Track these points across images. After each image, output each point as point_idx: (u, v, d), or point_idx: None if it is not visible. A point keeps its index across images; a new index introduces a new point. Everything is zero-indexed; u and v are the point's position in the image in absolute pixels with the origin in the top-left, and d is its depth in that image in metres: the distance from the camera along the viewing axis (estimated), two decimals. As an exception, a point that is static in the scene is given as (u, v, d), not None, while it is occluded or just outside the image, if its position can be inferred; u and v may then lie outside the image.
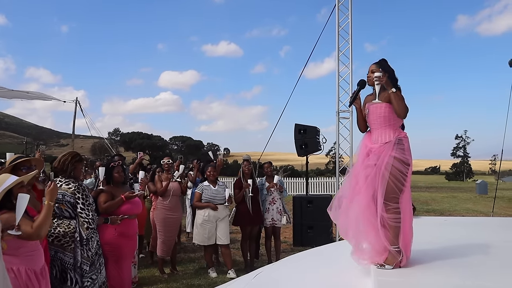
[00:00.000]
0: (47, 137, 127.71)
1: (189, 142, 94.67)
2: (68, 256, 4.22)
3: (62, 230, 4.21)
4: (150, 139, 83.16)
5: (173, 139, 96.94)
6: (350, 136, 9.54)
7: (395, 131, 3.55)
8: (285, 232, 9.76)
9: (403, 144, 3.51)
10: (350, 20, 9.73)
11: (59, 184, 4.28)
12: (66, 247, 4.22)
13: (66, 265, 4.20)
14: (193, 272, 7.19)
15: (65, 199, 4.27)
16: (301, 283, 3.75)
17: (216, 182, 7.03)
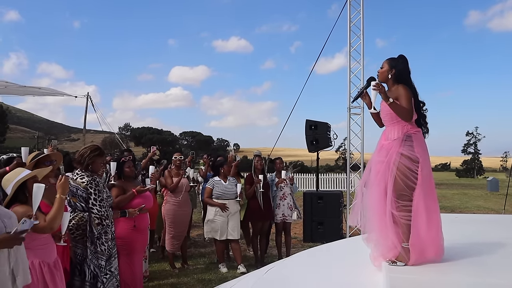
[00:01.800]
0: (58, 132, 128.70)
1: (199, 138, 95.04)
2: (80, 248, 4.25)
3: (75, 223, 4.23)
4: (160, 134, 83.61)
5: (183, 134, 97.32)
6: (361, 132, 9.49)
7: (403, 128, 3.51)
8: (295, 228, 9.76)
9: (412, 141, 3.47)
10: (362, 16, 9.66)
11: (75, 177, 4.31)
12: (79, 239, 4.24)
13: (79, 258, 4.24)
14: (204, 267, 7.23)
15: (78, 193, 4.28)
16: (312, 279, 3.76)
17: (227, 177, 7.05)
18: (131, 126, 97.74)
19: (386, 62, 3.66)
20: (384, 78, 3.65)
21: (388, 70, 3.62)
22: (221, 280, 6.20)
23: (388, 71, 3.62)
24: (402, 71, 3.60)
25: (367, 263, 3.66)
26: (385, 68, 3.64)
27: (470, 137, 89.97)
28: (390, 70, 3.61)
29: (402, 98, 3.49)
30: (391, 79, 3.61)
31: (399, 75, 3.59)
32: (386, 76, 3.62)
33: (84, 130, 19.48)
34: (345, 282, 3.60)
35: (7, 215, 2.73)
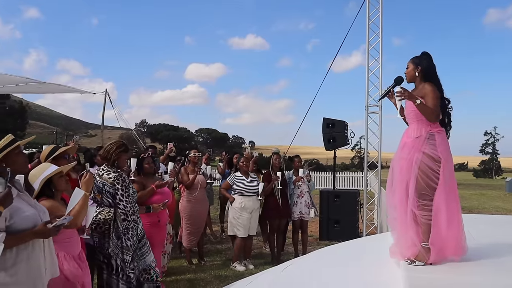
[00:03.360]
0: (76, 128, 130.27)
1: (214, 135, 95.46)
2: (107, 242, 4.31)
3: (102, 218, 4.29)
4: (176, 131, 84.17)
5: (199, 131, 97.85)
6: (379, 130, 9.43)
7: (427, 126, 3.48)
8: (311, 226, 9.75)
9: (435, 140, 3.44)
10: (381, 13, 9.58)
11: (101, 173, 4.38)
12: (106, 234, 4.31)
13: (106, 252, 4.31)
14: (221, 263, 7.27)
15: (105, 189, 4.34)
16: (330, 277, 3.77)
17: (248, 174, 7.08)
18: (147, 123, 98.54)
19: (410, 61, 3.64)
20: (411, 77, 3.63)
21: (414, 68, 3.60)
22: (237, 276, 6.23)
23: (414, 69, 3.59)
24: (428, 67, 3.58)
25: (385, 262, 3.66)
26: (410, 68, 3.62)
27: (488, 137, 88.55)
28: (415, 68, 3.59)
29: (428, 97, 3.46)
30: (418, 77, 3.59)
31: (425, 72, 3.57)
32: (413, 75, 3.60)
33: (102, 126, 19.72)
34: (362, 281, 3.59)
35: (42, 210, 2.83)
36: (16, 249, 2.57)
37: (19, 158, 2.78)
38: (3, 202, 2.36)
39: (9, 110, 48.79)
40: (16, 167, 2.74)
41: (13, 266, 2.55)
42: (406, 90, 3.50)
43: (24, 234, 2.59)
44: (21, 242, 2.59)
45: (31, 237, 2.63)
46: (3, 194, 2.39)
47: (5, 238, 2.42)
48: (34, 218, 2.69)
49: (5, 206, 2.39)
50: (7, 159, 2.67)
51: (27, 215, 2.64)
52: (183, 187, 7.09)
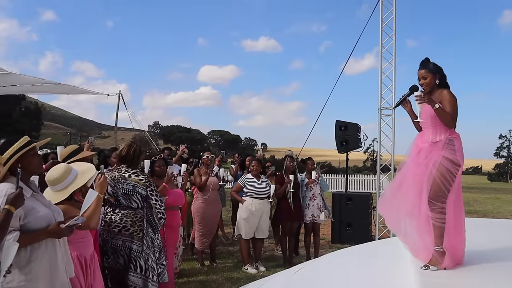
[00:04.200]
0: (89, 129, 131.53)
1: (227, 137, 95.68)
2: (136, 244, 4.30)
3: (129, 220, 4.30)
4: (189, 133, 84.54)
5: (211, 133, 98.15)
6: (392, 133, 9.37)
7: (446, 131, 3.48)
8: (323, 229, 9.70)
9: (454, 145, 3.45)
10: (394, 16, 9.53)
11: (126, 174, 4.41)
12: (135, 235, 4.31)
13: (135, 253, 4.29)
14: (232, 265, 7.28)
15: (136, 190, 4.37)
16: (342, 281, 3.75)
17: (259, 176, 7.08)
18: (160, 124, 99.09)
19: (425, 71, 3.58)
20: (431, 87, 3.58)
21: (433, 77, 3.56)
22: (249, 279, 6.24)
23: (434, 78, 3.56)
24: (443, 76, 3.59)
25: (397, 266, 3.63)
26: (429, 77, 3.56)
27: (503, 140, 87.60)
28: (434, 76, 3.57)
29: (447, 103, 3.46)
30: (436, 85, 3.58)
31: (443, 79, 3.57)
32: (433, 84, 3.56)
33: (115, 127, 19.86)
34: (375, 284, 3.57)
35: (56, 210, 2.87)
36: (31, 248, 2.60)
37: (34, 159, 2.81)
38: (14, 203, 2.40)
39: (24, 111, 49.47)
40: (31, 168, 2.78)
41: (27, 265, 2.59)
42: (426, 94, 3.50)
43: (38, 234, 2.63)
44: (35, 241, 2.63)
45: (44, 237, 2.67)
46: (14, 194, 2.43)
47: (19, 237, 2.45)
48: (48, 218, 2.72)
49: (17, 206, 2.42)
50: (23, 160, 2.71)
51: (41, 215, 2.68)
52: (196, 189, 7.12)
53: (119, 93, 16.80)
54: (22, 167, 2.66)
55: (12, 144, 2.71)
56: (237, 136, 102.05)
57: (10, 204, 2.38)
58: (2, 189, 2.60)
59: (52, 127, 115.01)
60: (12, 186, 2.61)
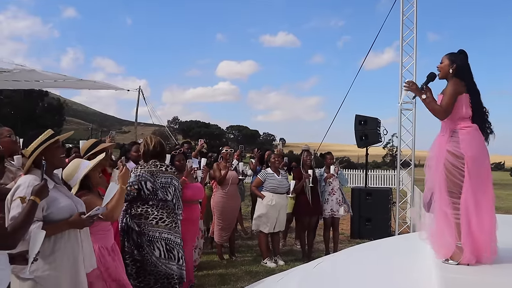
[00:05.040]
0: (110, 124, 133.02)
1: (245, 132, 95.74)
2: (174, 235, 4.48)
3: (165, 212, 4.46)
4: (207, 128, 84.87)
5: (229, 128, 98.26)
6: (413, 128, 9.26)
7: (451, 123, 3.43)
8: (342, 224, 9.67)
9: (458, 137, 3.38)
10: (415, 8, 9.39)
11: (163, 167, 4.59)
12: (171, 227, 4.48)
13: (173, 244, 4.45)
14: (251, 259, 7.32)
15: (172, 182, 4.58)
16: (362, 275, 3.74)
17: (279, 171, 7.09)
18: (179, 120, 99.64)
19: (446, 57, 3.57)
20: (445, 73, 3.55)
21: (449, 65, 3.52)
22: (268, 272, 6.26)
23: (449, 66, 3.52)
24: (462, 66, 3.51)
25: (417, 261, 3.61)
26: (445, 63, 3.54)
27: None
28: (451, 65, 3.52)
29: (444, 94, 3.45)
30: (451, 74, 3.53)
31: (459, 71, 3.50)
32: (447, 71, 3.52)
33: (135, 122, 20.08)
34: (395, 280, 3.55)
35: (78, 202, 2.93)
36: (54, 238, 2.67)
37: (58, 152, 2.88)
38: (39, 194, 2.46)
39: (47, 107, 50.36)
40: (55, 160, 2.85)
41: (51, 255, 2.66)
42: (414, 83, 3.57)
43: (60, 224, 2.71)
44: (57, 232, 2.70)
45: (67, 227, 2.74)
46: (39, 186, 2.49)
47: (42, 227, 2.52)
48: (70, 208, 2.79)
49: (41, 198, 2.49)
50: (47, 152, 2.78)
51: (63, 206, 2.75)
52: (215, 183, 7.17)
53: (139, 88, 17.02)
54: (46, 160, 2.72)
55: (36, 137, 2.79)
56: (256, 131, 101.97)
57: (35, 195, 2.44)
58: (25, 180, 2.68)
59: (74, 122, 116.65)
60: (35, 177, 2.68)
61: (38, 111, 47.82)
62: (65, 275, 2.72)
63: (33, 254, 2.39)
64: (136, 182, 4.38)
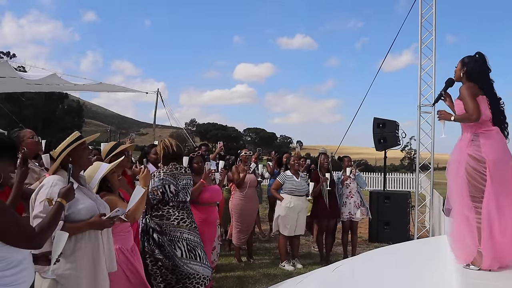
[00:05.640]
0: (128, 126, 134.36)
1: (262, 134, 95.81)
2: (193, 235, 4.57)
3: (185, 212, 4.59)
4: (224, 130, 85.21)
5: (247, 131, 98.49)
6: (432, 131, 9.14)
7: (472, 127, 3.42)
8: (360, 227, 9.61)
9: (479, 140, 3.36)
10: (434, 10, 9.29)
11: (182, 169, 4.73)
12: (191, 227, 4.59)
13: (194, 244, 4.53)
14: (269, 261, 7.32)
15: (190, 184, 4.78)
16: (381, 280, 3.72)
17: (298, 173, 7.09)
18: (196, 122, 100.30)
19: (460, 60, 3.61)
20: (458, 77, 3.61)
21: (461, 69, 3.57)
22: (286, 275, 6.25)
23: (460, 70, 3.56)
24: (472, 69, 3.51)
25: (436, 266, 3.57)
26: (458, 67, 3.59)
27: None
28: (461, 68, 3.56)
29: (463, 99, 3.43)
30: (463, 78, 3.54)
31: (470, 74, 3.50)
32: (459, 75, 3.58)
33: (153, 124, 20.22)
34: (414, 285, 3.52)
35: (102, 204, 2.98)
36: (75, 238, 2.72)
37: (85, 153, 2.95)
38: (65, 196, 2.52)
39: (67, 109, 51.15)
40: (82, 161, 2.92)
41: (72, 254, 2.71)
42: (442, 112, 3.58)
43: (81, 224, 2.75)
44: (78, 232, 2.74)
45: (87, 228, 2.79)
46: (65, 189, 2.55)
47: (63, 227, 2.57)
48: (92, 209, 2.84)
49: (67, 200, 2.54)
50: (74, 153, 2.85)
51: (83, 207, 2.79)
52: (234, 185, 7.20)
53: (157, 91, 17.05)
54: (73, 161, 2.79)
55: (63, 139, 2.86)
56: (273, 134, 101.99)
57: (62, 197, 2.50)
58: (50, 180, 2.75)
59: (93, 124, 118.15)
60: (59, 178, 2.75)
61: (58, 113, 48.63)
62: (85, 275, 2.76)
63: (56, 255, 2.44)
64: (160, 186, 4.46)
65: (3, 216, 2.06)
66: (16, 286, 2.14)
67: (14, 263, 2.13)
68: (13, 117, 22.49)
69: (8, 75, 7.95)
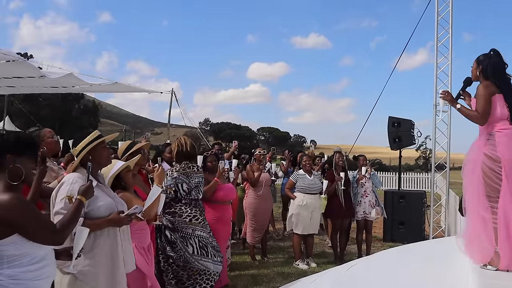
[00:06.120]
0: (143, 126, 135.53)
1: (276, 133, 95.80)
2: (205, 232, 4.65)
3: (198, 210, 4.67)
4: (238, 130, 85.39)
5: (260, 130, 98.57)
6: (448, 130, 9.05)
7: (488, 126, 3.39)
8: (375, 226, 9.56)
9: (494, 139, 3.32)
10: (451, 8, 9.19)
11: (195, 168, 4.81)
12: (203, 224, 4.67)
13: (206, 241, 4.61)
14: (283, 260, 7.33)
15: (202, 182, 4.85)
16: (396, 279, 3.70)
17: (311, 172, 7.09)
18: (210, 121, 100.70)
19: (475, 59, 3.59)
20: (475, 77, 3.59)
21: (476, 67, 3.55)
22: (300, 274, 6.25)
23: (476, 68, 3.54)
24: (489, 67, 3.47)
25: (452, 266, 3.55)
26: (474, 67, 3.57)
27: None
28: (477, 67, 3.53)
29: (477, 98, 3.42)
30: (480, 76, 3.52)
31: (485, 72, 3.47)
32: (476, 74, 3.56)
33: (168, 124, 20.32)
34: (430, 284, 3.51)
35: (120, 202, 3.04)
36: (94, 235, 2.76)
37: (104, 152, 3.02)
38: (85, 194, 2.57)
39: (83, 109, 51.72)
40: (101, 160, 2.99)
41: (91, 251, 2.76)
42: (449, 93, 3.59)
43: (100, 221, 2.81)
44: (97, 229, 2.79)
45: (106, 225, 2.84)
46: (85, 186, 2.61)
47: (83, 223, 2.62)
48: (111, 207, 2.88)
49: (87, 197, 2.60)
50: (94, 152, 2.92)
51: (103, 204, 2.84)
52: (248, 184, 7.22)
53: (171, 90, 17.13)
54: (92, 159, 2.85)
55: (83, 138, 2.93)
56: (287, 133, 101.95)
57: (82, 195, 2.55)
58: (70, 177, 2.81)
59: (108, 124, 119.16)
60: (79, 175, 2.81)
61: (74, 113, 49.17)
62: (103, 271, 2.80)
63: (77, 250, 2.50)
64: (173, 184, 4.53)
65: (24, 211, 2.12)
66: (40, 281, 2.19)
67: (37, 259, 2.18)
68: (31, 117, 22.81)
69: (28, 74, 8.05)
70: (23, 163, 2.22)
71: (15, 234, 2.10)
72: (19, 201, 2.11)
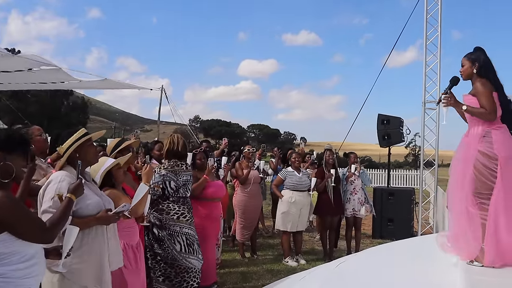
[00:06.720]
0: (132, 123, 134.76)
1: (266, 131, 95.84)
2: (192, 229, 4.65)
3: (186, 207, 4.66)
4: (228, 127, 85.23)
5: (250, 127, 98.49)
6: (437, 127, 9.11)
7: (483, 123, 3.37)
8: (364, 223, 9.61)
9: (491, 137, 3.31)
10: (440, 6, 9.24)
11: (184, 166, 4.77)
12: (191, 222, 4.67)
13: (191, 238, 4.61)
14: (273, 258, 7.34)
15: (191, 180, 4.82)
16: (385, 276, 3.72)
17: (299, 169, 7.10)
18: (200, 118, 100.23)
19: (465, 58, 3.49)
20: (469, 75, 3.48)
21: (471, 66, 3.46)
22: (289, 271, 6.27)
23: (471, 67, 3.45)
24: (484, 63, 3.44)
25: (439, 263, 3.57)
26: (466, 66, 3.47)
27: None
28: (473, 65, 3.45)
29: (480, 97, 3.35)
30: (475, 74, 3.45)
31: (482, 69, 3.43)
32: (471, 72, 3.46)
33: (158, 121, 20.23)
34: (418, 280, 3.53)
35: (107, 200, 3.02)
36: (82, 233, 2.73)
37: (91, 149, 3.00)
38: (75, 192, 2.56)
39: (72, 106, 51.30)
40: (88, 157, 2.96)
41: (78, 249, 2.74)
42: (452, 97, 3.43)
43: (88, 220, 2.80)
44: (85, 227, 2.78)
45: (94, 223, 2.83)
46: (75, 184, 2.59)
47: (72, 222, 2.60)
48: (99, 205, 2.87)
49: (77, 195, 2.58)
50: (81, 150, 2.89)
51: (91, 202, 2.83)
52: (237, 182, 7.22)
53: (161, 87, 17.05)
54: (79, 157, 2.82)
55: (70, 136, 2.91)
56: (277, 130, 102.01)
57: (72, 193, 2.54)
58: (57, 175, 2.78)
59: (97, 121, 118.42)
60: (67, 173, 2.79)
61: (63, 110, 48.80)
62: (90, 270, 2.80)
63: (67, 249, 2.49)
64: (161, 182, 4.52)
65: (14, 210, 2.10)
66: (29, 279, 2.18)
67: (27, 257, 2.16)
68: (19, 113, 22.53)
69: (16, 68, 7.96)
70: (14, 161, 2.19)
71: (5, 232, 2.08)
72: (8, 199, 2.09)
